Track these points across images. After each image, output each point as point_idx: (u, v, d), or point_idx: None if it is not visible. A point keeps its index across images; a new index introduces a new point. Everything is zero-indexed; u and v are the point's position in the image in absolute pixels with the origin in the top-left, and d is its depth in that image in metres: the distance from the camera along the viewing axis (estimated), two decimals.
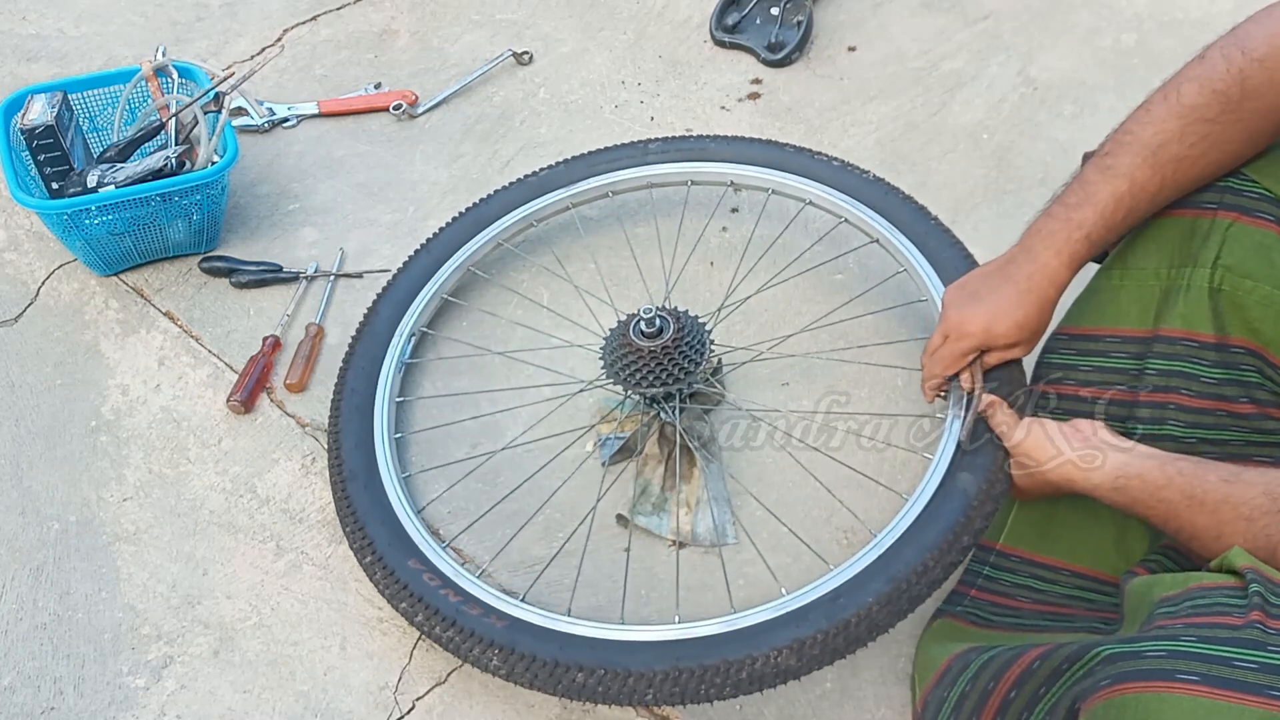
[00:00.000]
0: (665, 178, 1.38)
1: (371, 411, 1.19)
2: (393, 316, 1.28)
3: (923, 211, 1.28)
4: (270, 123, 1.61)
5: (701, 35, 1.75)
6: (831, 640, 0.94)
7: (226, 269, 1.41)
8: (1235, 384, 0.99)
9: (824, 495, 1.18)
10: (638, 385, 1.13)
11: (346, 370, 1.24)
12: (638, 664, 0.95)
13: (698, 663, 0.94)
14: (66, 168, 1.36)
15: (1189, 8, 1.76)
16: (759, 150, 1.37)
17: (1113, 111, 1.60)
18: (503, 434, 1.24)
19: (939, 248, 1.24)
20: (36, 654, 1.10)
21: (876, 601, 0.95)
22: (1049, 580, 1.05)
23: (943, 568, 0.98)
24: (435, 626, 1.01)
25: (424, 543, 1.08)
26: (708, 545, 1.15)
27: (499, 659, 0.98)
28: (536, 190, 1.38)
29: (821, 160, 1.34)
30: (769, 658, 0.93)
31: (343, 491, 1.14)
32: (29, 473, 1.24)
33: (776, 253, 1.36)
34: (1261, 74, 0.93)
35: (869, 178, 1.32)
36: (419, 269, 1.32)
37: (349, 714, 1.06)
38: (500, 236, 1.35)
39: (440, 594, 1.03)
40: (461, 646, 1.00)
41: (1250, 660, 0.66)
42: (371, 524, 1.10)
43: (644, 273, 1.37)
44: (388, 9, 1.81)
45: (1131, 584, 0.83)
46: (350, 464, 1.15)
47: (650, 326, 1.11)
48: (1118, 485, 0.91)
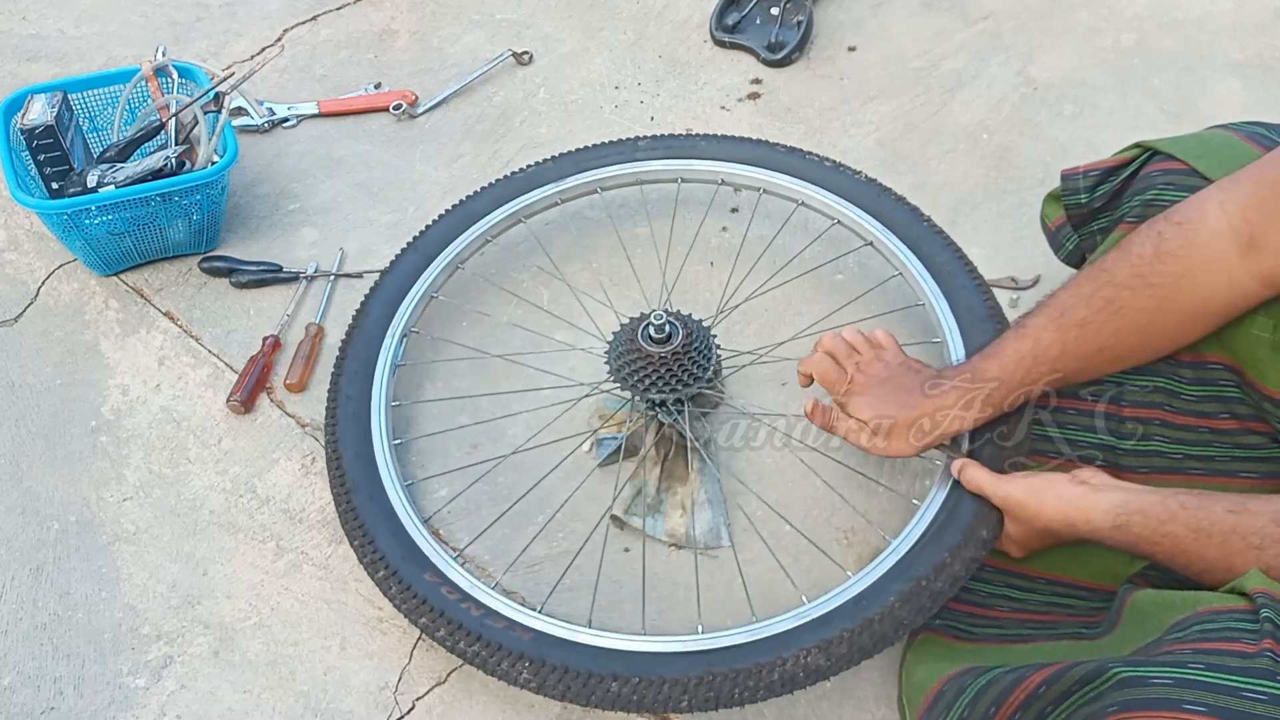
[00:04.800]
0: (656, 174, 1.37)
1: (368, 416, 1.18)
2: (383, 317, 1.25)
3: (916, 213, 1.28)
4: (270, 123, 1.61)
5: (701, 35, 1.75)
6: (858, 638, 0.95)
7: (226, 269, 1.41)
8: (1214, 400, 0.99)
9: (823, 495, 1.18)
10: (645, 391, 1.12)
11: (340, 375, 1.22)
12: (672, 671, 0.95)
13: (729, 667, 0.95)
14: (66, 168, 1.36)
15: (1189, 8, 1.76)
16: (749, 149, 1.37)
17: (1113, 111, 1.61)
18: (502, 435, 1.24)
19: (933, 250, 1.24)
20: (36, 654, 1.10)
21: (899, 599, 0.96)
22: (1025, 589, 1.04)
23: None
24: (460, 641, 1.00)
25: (438, 556, 1.07)
26: (702, 548, 1.15)
27: (529, 672, 0.98)
28: (525, 186, 1.36)
29: (813, 161, 1.34)
30: (798, 658, 0.94)
31: (348, 503, 1.12)
32: (29, 473, 1.24)
33: (775, 253, 1.36)
34: (1177, 235, 0.92)
35: (861, 179, 1.32)
36: (407, 267, 1.30)
37: (349, 714, 1.06)
38: (489, 233, 1.34)
39: (462, 609, 1.02)
40: (489, 661, 0.99)
41: (1259, 691, 0.64)
42: (382, 537, 1.08)
43: (640, 274, 1.37)
44: (388, 9, 1.81)
45: (1135, 597, 0.82)
46: (352, 475, 1.13)
47: (660, 333, 1.11)
48: (1119, 523, 0.88)
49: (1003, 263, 1.41)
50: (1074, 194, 1.13)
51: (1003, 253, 1.42)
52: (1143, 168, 1.06)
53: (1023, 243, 1.43)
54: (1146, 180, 1.04)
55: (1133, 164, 1.07)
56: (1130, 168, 1.07)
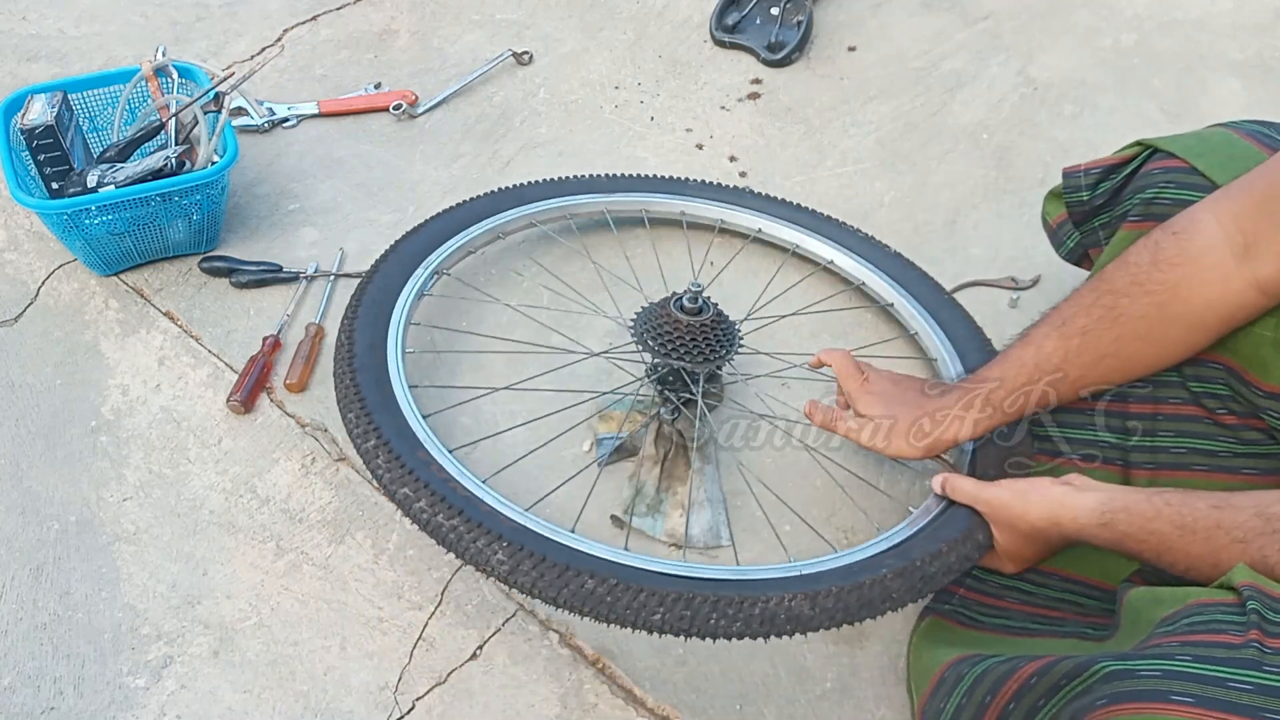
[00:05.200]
0: (696, 217, 1.45)
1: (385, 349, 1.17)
2: (415, 254, 1.29)
3: (936, 287, 1.34)
4: (270, 123, 1.61)
5: (701, 35, 1.75)
6: (845, 597, 0.94)
7: (226, 269, 1.41)
8: (1212, 397, 1.00)
9: (823, 496, 1.18)
10: (668, 355, 1.16)
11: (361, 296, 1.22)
12: (651, 583, 0.92)
13: (711, 593, 0.91)
14: (66, 168, 1.36)
15: (1189, 8, 1.76)
16: (783, 209, 1.44)
17: (1113, 111, 1.61)
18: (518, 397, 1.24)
19: (952, 321, 1.29)
20: (36, 654, 1.10)
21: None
22: (1038, 584, 1.04)
23: None
24: (440, 514, 0.97)
25: (434, 445, 1.05)
26: (701, 547, 1.16)
27: (505, 553, 0.94)
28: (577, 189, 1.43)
29: (847, 230, 1.42)
30: (782, 599, 0.91)
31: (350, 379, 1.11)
32: (29, 473, 1.24)
33: (798, 288, 1.39)
34: (1174, 244, 0.94)
35: (889, 251, 1.39)
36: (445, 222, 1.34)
37: (349, 714, 1.06)
38: (535, 218, 1.38)
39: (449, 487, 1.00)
40: (465, 538, 0.95)
41: (1245, 681, 0.65)
42: (381, 414, 1.07)
43: (667, 274, 1.38)
44: (388, 9, 1.81)
45: (1130, 595, 0.83)
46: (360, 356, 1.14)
47: (693, 303, 1.16)
48: (1104, 520, 0.89)
49: (1003, 263, 1.41)
50: (1075, 191, 1.13)
51: (1003, 253, 1.42)
52: (1143, 165, 1.07)
53: (1023, 243, 1.43)
54: (1147, 178, 1.04)
55: (1133, 162, 1.08)
56: (1131, 165, 1.08)
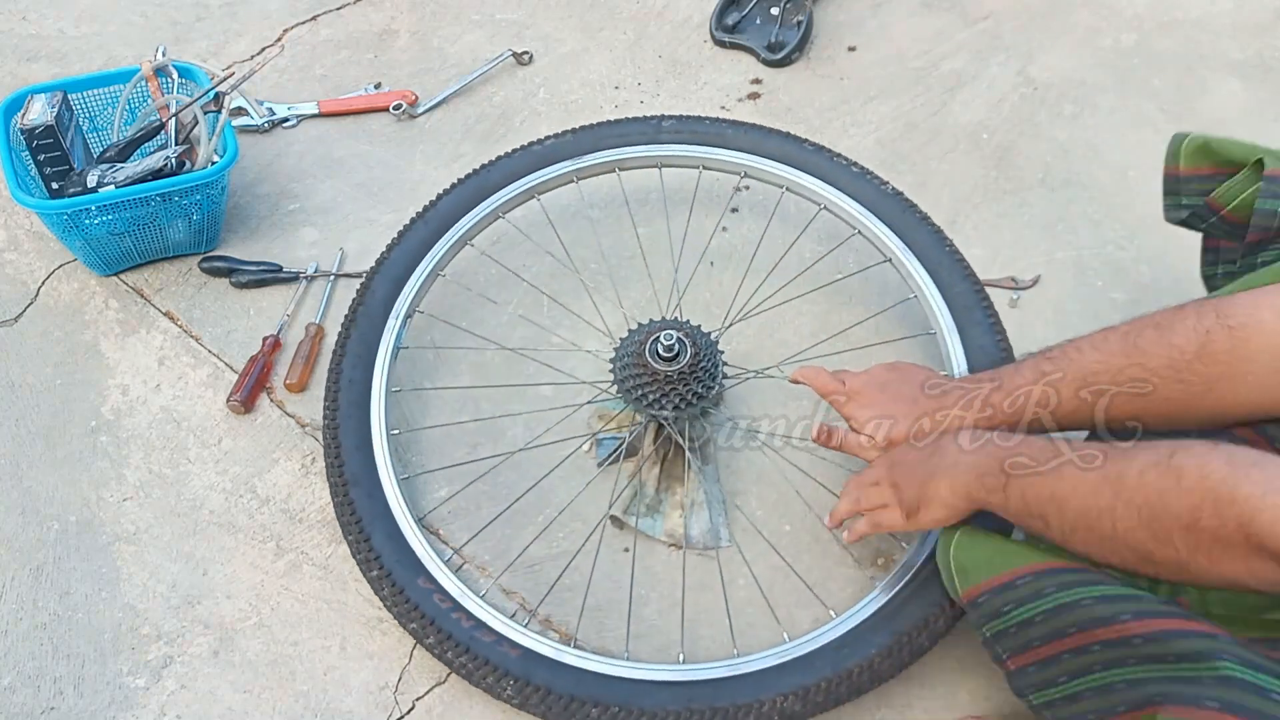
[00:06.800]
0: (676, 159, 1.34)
1: (368, 408, 1.17)
2: (388, 295, 1.23)
3: (939, 235, 1.25)
4: (270, 123, 1.61)
5: (701, 35, 1.75)
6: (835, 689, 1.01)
7: (226, 269, 1.41)
8: None
9: (822, 496, 1.18)
10: (649, 407, 1.11)
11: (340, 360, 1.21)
12: (651, 703, 0.99)
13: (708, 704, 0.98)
14: (66, 168, 1.36)
15: (1189, 8, 1.76)
16: (776, 143, 1.33)
17: (1113, 111, 1.61)
18: (503, 433, 1.24)
19: (953, 280, 1.22)
20: (36, 654, 1.10)
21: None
22: (1036, 590, 1.02)
23: None
24: (448, 652, 1.03)
25: (431, 561, 1.08)
26: (701, 548, 1.16)
27: (513, 690, 1.01)
28: (541, 160, 1.33)
29: (841, 164, 1.31)
30: (775, 701, 0.98)
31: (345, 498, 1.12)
32: (29, 473, 1.24)
33: (784, 256, 1.36)
34: (1227, 340, 0.85)
35: (888, 190, 1.29)
36: (415, 241, 1.27)
37: (349, 714, 1.06)
38: (500, 209, 1.31)
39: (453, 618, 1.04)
40: (475, 674, 1.02)
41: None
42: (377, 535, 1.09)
43: (650, 268, 1.37)
44: (388, 9, 1.81)
45: None
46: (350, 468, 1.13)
47: (668, 351, 1.09)
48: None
49: (1003, 262, 1.41)
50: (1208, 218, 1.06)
51: (1003, 253, 1.42)
52: None
53: (1023, 243, 1.43)
54: None
55: None
56: None
